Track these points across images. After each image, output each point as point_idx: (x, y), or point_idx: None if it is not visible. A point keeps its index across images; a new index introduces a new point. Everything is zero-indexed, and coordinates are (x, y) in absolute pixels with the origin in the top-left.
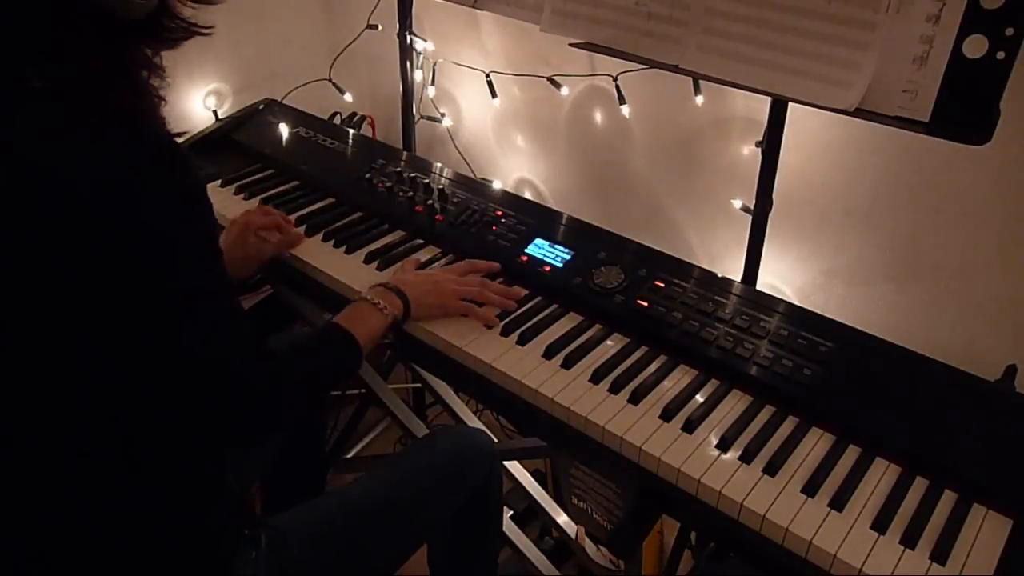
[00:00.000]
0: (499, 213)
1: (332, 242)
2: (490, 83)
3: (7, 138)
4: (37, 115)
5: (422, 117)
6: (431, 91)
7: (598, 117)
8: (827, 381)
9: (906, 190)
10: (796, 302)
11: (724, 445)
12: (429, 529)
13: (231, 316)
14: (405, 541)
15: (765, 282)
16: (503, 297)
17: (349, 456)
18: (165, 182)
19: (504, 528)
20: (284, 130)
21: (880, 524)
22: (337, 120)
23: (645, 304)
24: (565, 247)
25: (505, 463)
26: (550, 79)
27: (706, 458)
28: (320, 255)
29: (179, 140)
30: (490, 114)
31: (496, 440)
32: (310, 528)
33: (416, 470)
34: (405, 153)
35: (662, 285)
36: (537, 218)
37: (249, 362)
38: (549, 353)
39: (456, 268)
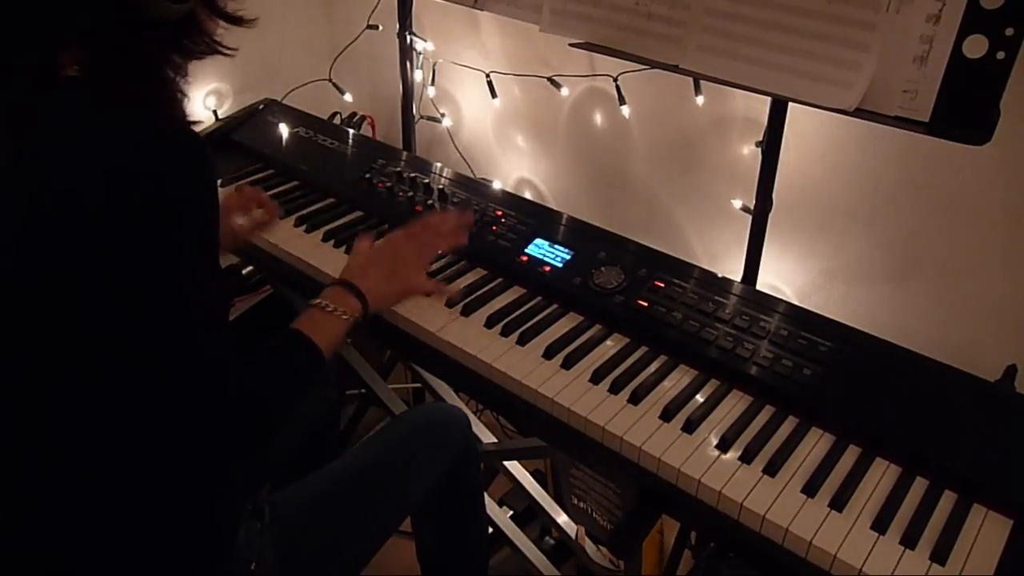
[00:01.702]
0: (499, 213)
1: (332, 242)
2: (490, 83)
3: (34, 120)
4: (65, 100)
5: (422, 117)
6: (431, 91)
7: (598, 117)
8: (827, 381)
9: (906, 190)
10: (796, 302)
11: (724, 445)
12: (414, 492)
13: (220, 316)
14: (394, 506)
15: (765, 282)
16: (455, 224)
17: None
18: (185, 173)
19: (504, 528)
20: (284, 130)
21: (880, 524)
22: (337, 120)
23: (645, 304)
24: (565, 247)
25: (505, 463)
26: (550, 79)
27: (706, 458)
28: (320, 255)
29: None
30: (490, 114)
31: (466, 410)
32: (307, 499)
33: (398, 439)
34: (405, 153)
35: (662, 285)
36: (537, 218)
37: (236, 366)
38: (549, 353)
39: (411, 232)
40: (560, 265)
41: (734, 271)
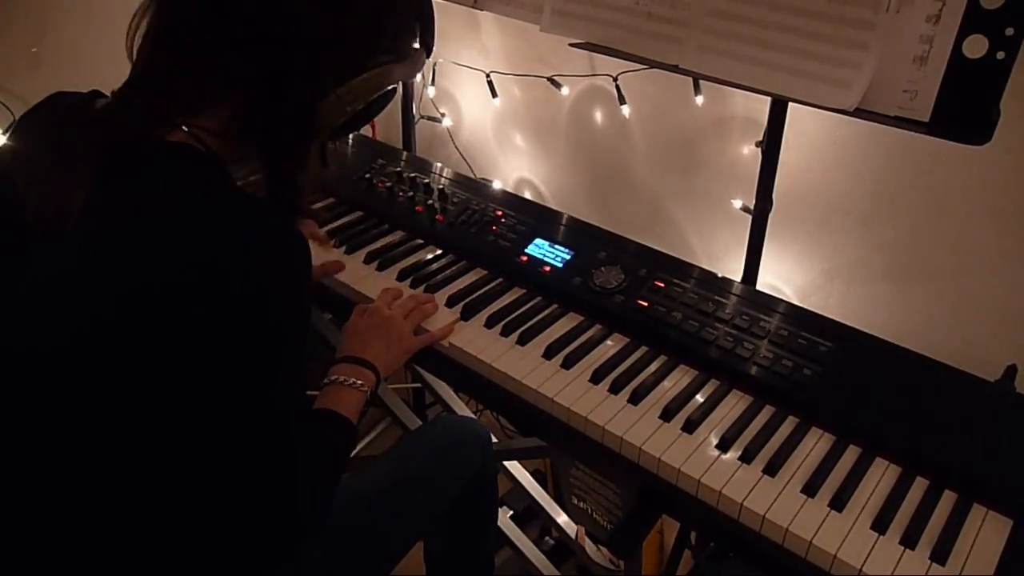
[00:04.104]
0: (499, 213)
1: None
2: (490, 83)
3: (131, 178)
4: (169, 166)
5: (422, 117)
6: (431, 91)
7: (598, 117)
8: (827, 381)
9: (906, 190)
10: (796, 302)
11: (724, 445)
12: (431, 514)
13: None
14: (409, 528)
15: (765, 282)
16: (427, 304)
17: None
18: (280, 272)
19: (504, 528)
20: None
21: (880, 524)
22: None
23: (645, 304)
24: (565, 247)
25: (505, 463)
26: (550, 79)
27: (706, 458)
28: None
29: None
30: (490, 114)
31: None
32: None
33: (414, 456)
34: (405, 153)
35: (662, 285)
36: (537, 218)
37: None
38: (549, 353)
39: (391, 296)
40: (560, 265)
41: (734, 271)
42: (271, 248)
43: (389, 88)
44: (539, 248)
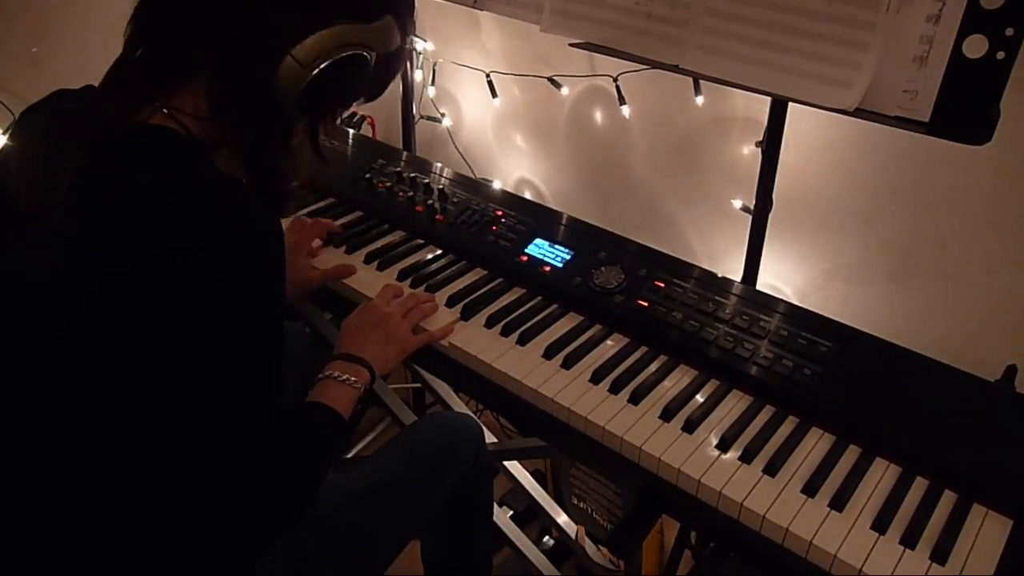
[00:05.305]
0: (499, 213)
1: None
2: (490, 83)
3: (111, 164)
4: (145, 150)
5: (422, 117)
6: (431, 91)
7: (598, 117)
8: (827, 381)
9: (906, 190)
10: (796, 302)
11: (724, 445)
12: (424, 511)
13: (267, 405)
14: (403, 525)
15: (765, 282)
16: (427, 303)
17: (349, 456)
18: (254, 257)
19: (504, 528)
20: None
21: (880, 524)
22: (337, 120)
23: (645, 304)
24: (565, 247)
25: (505, 463)
26: (550, 79)
27: (706, 458)
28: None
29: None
30: (490, 114)
31: (481, 424)
32: (316, 521)
33: (405, 453)
34: (405, 153)
35: (662, 285)
36: (537, 218)
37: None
38: (549, 353)
39: (391, 293)
40: (560, 265)
41: (734, 271)
42: (246, 231)
43: (355, 54)
44: (539, 248)
